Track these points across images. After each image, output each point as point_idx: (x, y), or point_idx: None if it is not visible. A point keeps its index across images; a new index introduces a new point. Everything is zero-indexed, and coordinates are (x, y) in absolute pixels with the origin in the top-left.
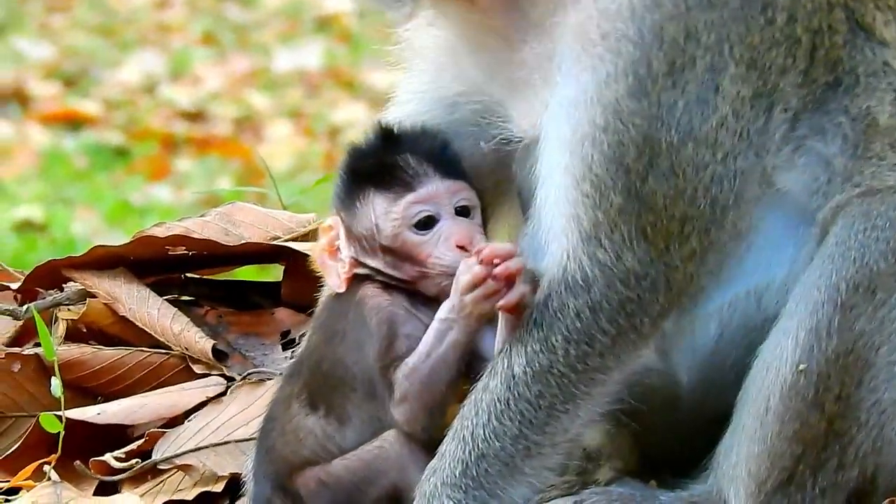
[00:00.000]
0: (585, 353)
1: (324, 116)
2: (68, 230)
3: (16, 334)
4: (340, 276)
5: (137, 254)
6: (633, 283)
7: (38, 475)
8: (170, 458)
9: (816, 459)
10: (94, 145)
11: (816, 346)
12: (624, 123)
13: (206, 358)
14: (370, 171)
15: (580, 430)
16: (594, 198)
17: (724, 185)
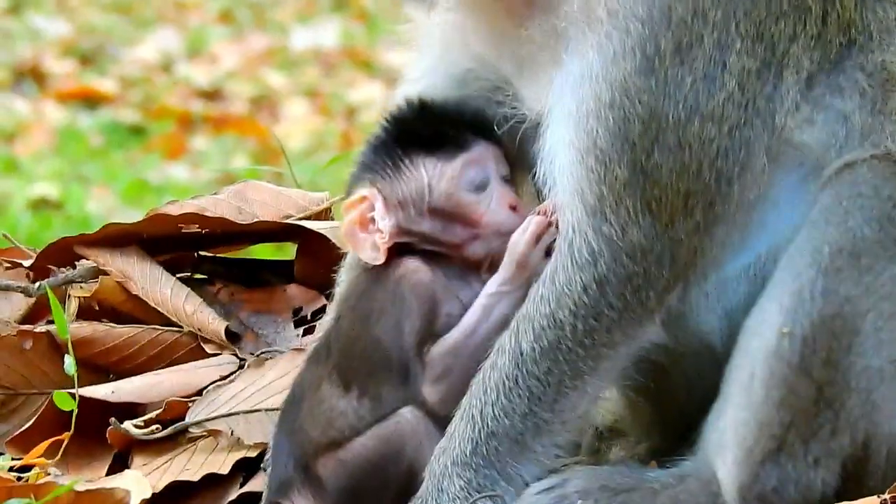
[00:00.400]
0: (593, 328)
1: (340, 96)
2: (84, 208)
3: (28, 311)
4: (379, 246)
5: (150, 232)
6: (638, 257)
7: (50, 452)
8: (201, 422)
9: (807, 428)
10: (110, 123)
11: (801, 309)
12: (630, 100)
13: (218, 339)
14: (417, 135)
15: (589, 407)
16: (599, 172)
17: (729, 158)
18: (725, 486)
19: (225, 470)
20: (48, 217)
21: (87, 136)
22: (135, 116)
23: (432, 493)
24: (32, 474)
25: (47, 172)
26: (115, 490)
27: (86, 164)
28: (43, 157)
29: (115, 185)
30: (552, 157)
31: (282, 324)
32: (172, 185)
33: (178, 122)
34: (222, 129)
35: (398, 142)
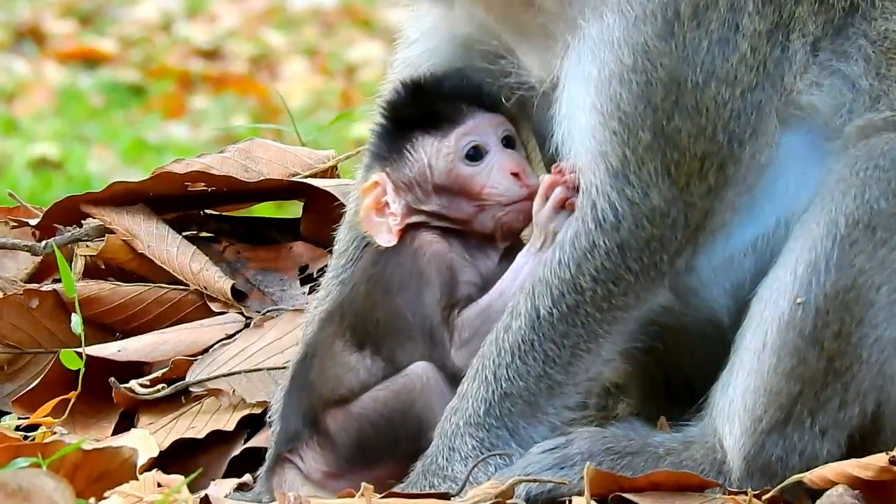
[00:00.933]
0: (611, 292)
1: (339, 55)
2: (84, 168)
3: (34, 270)
4: (392, 229)
5: (156, 190)
6: (657, 220)
7: (57, 412)
8: (202, 382)
9: (815, 399)
10: (110, 83)
11: (815, 280)
12: (652, 63)
13: (224, 297)
14: (414, 116)
15: (600, 369)
16: (622, 135)
17: (741, 120)
18: (731, 454)
19: (230, 427)
20: (49, 177)
21: (87, 96)
22: (135, 76)
23: (443, 452)
24: (39, 433)
25: (48, 132)
26: (123, 449)
27: (86, 124)
28: (43, 117)
29: (115, 144)
30: (570, 120)
31: (288, 282)
32: (172, 144)
33: (178, 81)
34: (222, 88)
35: (397, 126)
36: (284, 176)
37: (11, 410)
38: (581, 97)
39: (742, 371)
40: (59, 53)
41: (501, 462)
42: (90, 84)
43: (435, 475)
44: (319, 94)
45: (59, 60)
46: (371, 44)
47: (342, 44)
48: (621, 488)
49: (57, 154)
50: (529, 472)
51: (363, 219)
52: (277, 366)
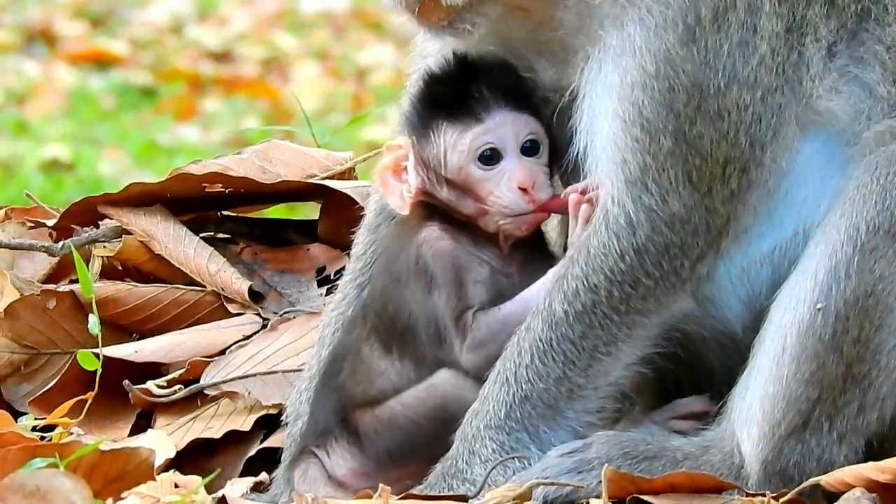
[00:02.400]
0: (629, 294)
1: (350, 58)
2: (95, 170)
3: (51, 271)
4: (405, 198)
5: (174, 191)
6: (677, 226)
7: (74, 412)
8: (216, 384)
9: (833, 405)
10: (121, 85)
11: (835, 286)
12: (674, 70)
13: (241, 299)
14: (444, 99)
15: (621, 374)
16: (644, 141)
17: (762, 124)
18: (748, 459)
19: (246, 427)
20: (60, 179)
21: (98, 98)
22: (146, 78)
23: (463, 455)
24: (56, 434)
25: (59, 134)
26: (140, 449)
27: (97, 126)
28: (54, 119)
29: (126, 146)
30: (592, 129)
31: (305, 283)
32: (183, 146)
33: (189, 83)
34: (233, 90)
35: (429, 102)
36: (302, 178)
37: (28, 411)
38: (603, 105)
39: (761, 376)
40: (70, 55)
41: (520, 465)
42: (101, 86)
43: (454, 477)
44: (330, 97)
45: (70, 62)
46: (382, 47)
47: (353, 47)
48: (639, 490)
49: (68, 156)
50: (547, 476)
51: (379, 175)
52: (292, 368)
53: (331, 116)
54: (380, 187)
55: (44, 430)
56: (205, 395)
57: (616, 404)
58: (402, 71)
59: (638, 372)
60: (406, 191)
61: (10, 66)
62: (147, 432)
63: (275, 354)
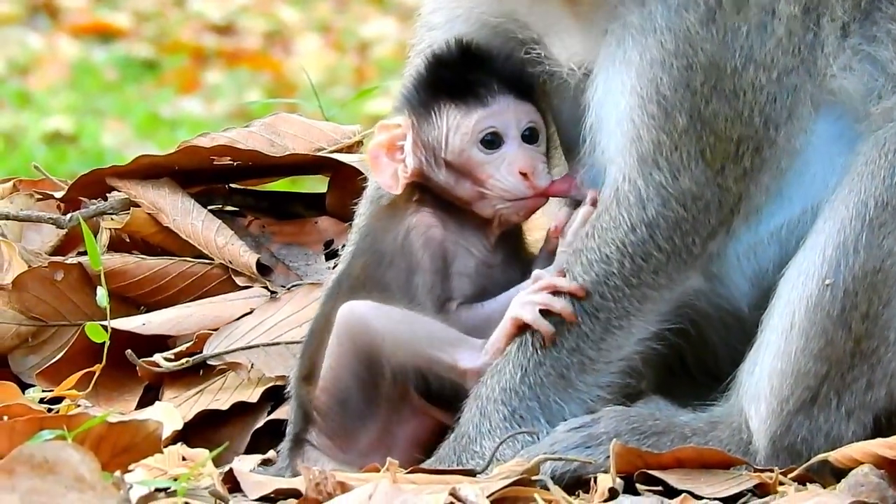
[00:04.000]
0: (640, 267)
1: (353, 31)
2: (98, 141)
3: (58, 243)
4: (400, 177)
5: (182, 164)
6: (688, 203)
7: (81, 384)
8: (219, 355)
9: (842, 380)
10: (123, 58)
11: (843, 261)
12: (693, 48)
13: (249, 272)
14: (448, 82)
15: (633, 349)
16: (659, 118)
17: (777, 104)
18: (757, 435)
19: (254, 399)
20: (63, 150)
21: (100, 71)
22: (148, 51)
23: (474, 420)
24: (63, 406)
25: (61, 106)
26: (148, 422)
27: (100, 98)
28: (57, 91)
29: (129, 118)
30: (606, 104)
31: (312, 256)
32: (186, 119)
33: (192, 56)
34: (235, 63)
35: (432, 84)
36: (310, 151)
37: (35, 383)
38: (620, 81)
39: (769, 352)
40: (73, 27)
41: (528, 439)
42: (104, 58)
43: (464, 450)
44: (333, 69)
45: (73, 34)
46: (385, 20)
47: (356, 20)
48: (647, 465)
49: (71, 128)
50: (556, 451)
51: (370, 155)
52: (295, 339)
53: (333, 89)
54: (370, 165)
55: (51, 402)
56: (211, 367)
57: (626, 379)
58: (405, 44)
59: (650, 348)
60: (401, 171)
61: (13, 37)
62: (154, 405)
63: (278, 325)
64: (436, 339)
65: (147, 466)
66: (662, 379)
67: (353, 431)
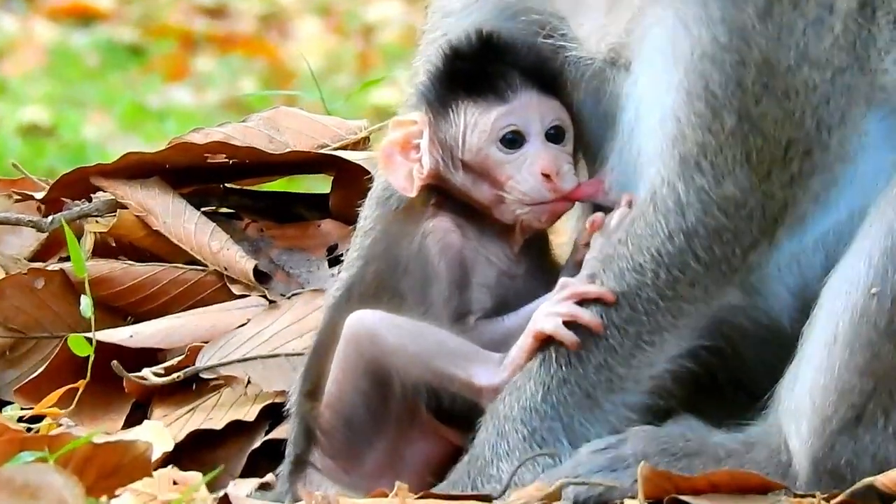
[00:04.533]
0: (676, 279)
1: (356, 13)
2: (79, 134)
3: (39, 248)
4: (415, 178)
5: (173, 162)
6: (731, 210)
7: (63, 402)
8: (213, 368)
9: (889, 397)
10: (106, 42)
11: (891, 268)
12: (748, 43)
13: (246, 279)
14: (466, 76)
15: (665, 367)
16: (706, 117)
17: (830, 105)
18: (797, 457)
19: (250, 417)
20: (40, 144)
21: (81, 57)
22: (133, 35)
23: (490, 441)
24: (44, 425)
25: (38, 96)
26: (136, 443)
27: (80, 87)
28: (33, 78)
29: (112, 109)
30: (645, 100)
31: (315, 262)
32: (174, 109)
33: (180, 41)
34: (228, 49)
35: (449, 78)
36: (312, 148)
37: (14, 400)
38: (666, 76)
39: (811, 366)
40: (51, 10)
41: (549, 462)
42: (85, 43)
43: (480, 474)
44: (334, 56)
45: (51, 17)
46: (391, 2)
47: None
48: (678, 489)
49: (48, 119)
50: (578, 474)
51: (383, 153)
52: (296, 351)
53: (335, 77)
54: (382, 165)
55: (31, 420)
56: (205, 383)
57: (657, 400)
58: (412, 28)
59: (682, 366)
60: (417, 171)
61: None
62: (143, 424)
63: (277, 335)
64: (450, 353)
65: (135, 491)
66: (693, 396)
67: (358, 452)
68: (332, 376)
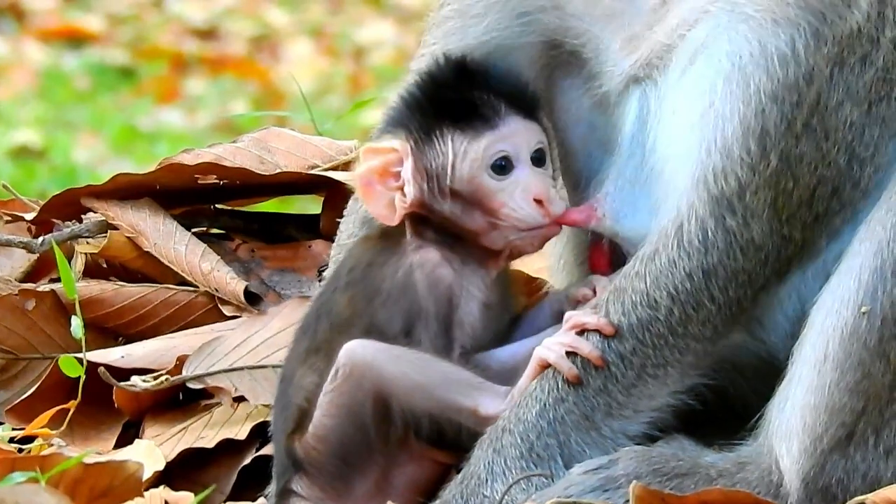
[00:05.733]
0: (689, 317)
1: (348, 35)
2: (70, 157)
3: (29, 269)
4: (397, 208)
5: (164, 183)
6: (750, 253)
7: (54, 422)
8: (200, 377)
9: (880, 416)
10: (97, 64)
11: (881, 287)
12: (808, 84)
13: (237, 300)
14: (449, 103)
15: (666, 400)
16: (756, 156)
17: (864, 138)
18: (788, 476)
19: (241, 436)
20: (31, 167)
21: (71, 79)
22: (124, 57)
23: (486, 458)
24: (35, 446)
25: (29, 118)
26: (127, 463)
27: (71, 109)
28: (24, 101)
29: (103, 131)
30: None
31: (306, 283)
32: (165, 131)
33: (171, 63)
34: (219, 71)
35: (432, 106)
36: (303, 168)
37: (5, 421)
38: (721, 105)
39: (801, 386)
40: (41, 31)
41: (545, 482)
42: (75, 65)
43: (473, 494)
44: (326, 77)
45: (41, 39)
46: (382, 23)
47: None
48: None
49: (39, 142)
50: (570, 494)
51: (361, 181)
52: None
53: (327, 99)
54: (360, 194)
55: (22, 441)
56: (196, 402)
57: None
58: (404, 49)
59: (683, 402)
60: (399, 200)
61: None
62: (135, 443)
63: (264, 344)
64: (454, 383)
65: None
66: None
67: (348, 481)
68: (323, 410)
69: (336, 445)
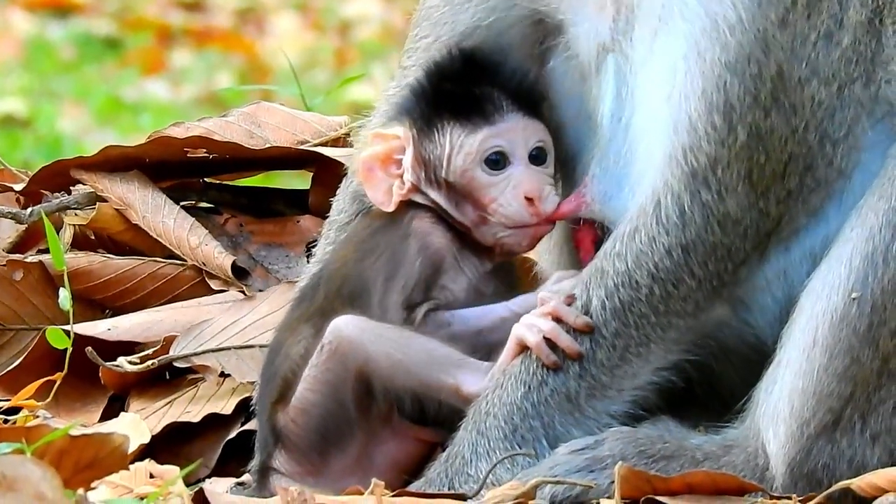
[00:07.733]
0: (669, 294)
1: (333, 9)
2: (54, 127)
3: (18, 240)
4: (395, 194)
5: (153, 156)
6: (728, 227)
7: (40, 394)
8: (187, 357)
9: (867, 402)
10: (82, 35)
11: (872, 273)
12: (766, 54)
13: (224, 274)
14: (452, 96)
15: (649, 378)
16: (722, 130)
17: (835, 119)
18: (774, 460)
19: (227, 410)
20: (16, 136)
21: (57, 49)
22: (109, 27)
23: (470, 438)
24: (20, 417)
25: (14, 88)
26: (113, 435)
27: (56, 79)
28: (9, 70)
29: (88, 102)
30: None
31: (294, 258)
32: (150, 102)
33: (157, 34)
34: (205, 43)
35: (435, 96)
36: (292, 143)
37: None
38: (689, 83)
39: (789, 370)
40: (27, 1)
41: (529, 462)
42: (61, 35)
43: (458, 473)
44: (311, 52)
45: (27, 9)
46: None
47: None
48: (654, 490)
49: (24, 111)
50: (556, 474)
51: (364, 166)
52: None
53: (312, 73)
54: (362, 178)
55: (8, 412)
56: (181, 376)
57: (639, 410)
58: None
59: (666, 379)
60: (397, 187)
61: None
62: (120, 416)
63: (252, 326)
64: (438, 361)
65: (112, 484)
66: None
67: (328, 457)
68: (307, 384)
69: (317, 420)
